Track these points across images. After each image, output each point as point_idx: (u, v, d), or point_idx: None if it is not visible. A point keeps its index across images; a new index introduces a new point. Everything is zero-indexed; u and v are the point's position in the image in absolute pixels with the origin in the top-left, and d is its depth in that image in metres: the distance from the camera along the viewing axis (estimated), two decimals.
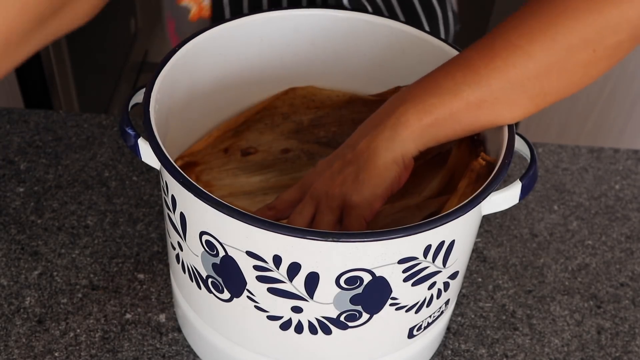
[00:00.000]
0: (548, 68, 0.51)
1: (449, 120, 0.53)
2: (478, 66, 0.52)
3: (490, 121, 0.53)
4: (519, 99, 0.52)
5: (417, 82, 0.55)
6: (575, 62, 0.51)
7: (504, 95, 0.52)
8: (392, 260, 0.49)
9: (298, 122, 0.69)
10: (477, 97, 0.52)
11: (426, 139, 0.54)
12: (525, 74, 0.51)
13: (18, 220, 0.75)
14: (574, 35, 0.50)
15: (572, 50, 0.51)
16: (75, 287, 0.70)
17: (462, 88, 0.52)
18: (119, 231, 0.75)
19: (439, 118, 0.53)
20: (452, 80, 0.52)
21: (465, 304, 0.71)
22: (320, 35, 0.67)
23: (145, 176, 0.81)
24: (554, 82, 0.52)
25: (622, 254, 0.77)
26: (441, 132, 0.54)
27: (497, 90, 0.52)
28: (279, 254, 0.48)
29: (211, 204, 0.47)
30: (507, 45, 0.51)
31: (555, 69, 0.51)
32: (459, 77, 0.52)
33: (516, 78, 0.51)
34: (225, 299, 0.54)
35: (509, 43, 0.51)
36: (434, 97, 0.53)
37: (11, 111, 0.87)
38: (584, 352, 0.68)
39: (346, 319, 0.53)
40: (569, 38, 0.50)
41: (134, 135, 0.54)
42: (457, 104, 0.52)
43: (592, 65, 0.52)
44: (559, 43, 0.50)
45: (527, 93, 0.52)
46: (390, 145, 0.53)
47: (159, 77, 0.56)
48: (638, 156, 0.89)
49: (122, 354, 0.65)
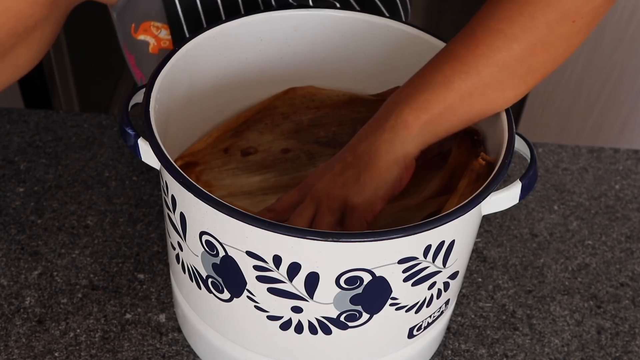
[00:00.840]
0: (532, 46, 0.52)
1: (444, 114, 0.53)
2: (464, 55, 0.53)
3: (485, 108, 0.54)
4: (508, 80, 0.53)
5: (409, 82, 0.55)
6: (557, 35, 0.52)
7: (494, 80, 0.53)
8: (392, 260, 0.49)
9: (298, 122, 0.69)
10: (468, 86, 0.53)
11: (426, 136, 0.54)
12: (511, 55, 0.52)
13: (18, 220, 0.75)
14: (551, 9, 0.51)
15: (551, 25, 0.52)
16: (75, 287, 0.70)
17: (452, 80, 0.53)
18: (119, 231, 0.75)
19: (434, 113, 0.53)
20: (441, 74, 0.53)
21: (465, 304, 0.71)
22: (320, 35, 0.67)
23: (145, 176, 0.81)
24: (540, 58, 0.53)
25: (622, 254, 0.77)
26: (439, 127, 0.54)
27: (486, 76, 0.53)
28: (279, 254, 0.48)
29: (211, 204, 0.47)
30: (489, 31, 0.52)
31: (539, 45, 0.52)
32: (447, 70, 0.53)
33: (503, 61, 0.52)
34: (225, 299, 0.54)
35: (489, 29, 0.52)
36: (426, 94, 0.53)
37: (11, 111, 0.87)
38: (584, 352, 0.68)
39: (346, 319, 0.53)
40: (547, 14, 0.51)
41: (134, 135, 0.54)
42: (450, 96, 0.53)
43: (573, 35, 0.53)
44: (538, 20, 0.51)
45: (515, 74, 0.53)
46: (391, 147, 0.54)
47: (159, 77, 0.56)
48: (638, 156, 0.89)
49: (122, 354, 0.65)
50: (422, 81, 0.54)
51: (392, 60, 0.66)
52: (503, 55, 0.52)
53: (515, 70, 0.53)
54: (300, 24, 0.66)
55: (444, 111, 0.53)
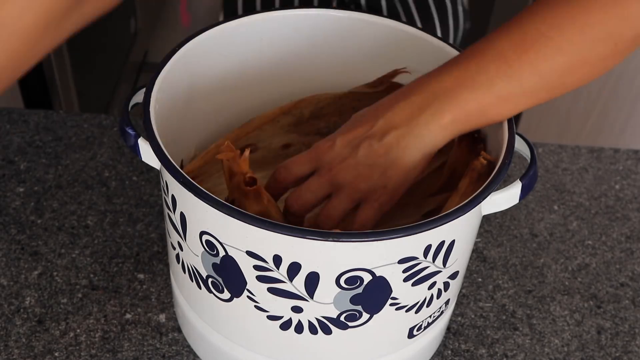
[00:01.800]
0: (573, 62, 0.51)
1: (478, 114, 0.53)
2: (511, 59, 0.51)
3: (511, 112, 0.53)
4: (540, 91, 0.52)
5: (447, 73, 0.53)
6: (598, 55, 0.51)
7: (532, 89, 0.52)
8: (392, 260, 0.49)
9: (298, 116, 0.69)
10: (508, 91, 0.52)
11: (455, 131, 0.54)
12: (553, 68, 0.51)
13: (18, 220, 0.75)
14: (600, 27, 0.50)
15: (596, 43, 0.51)
16: (75, 287, 0.70)
17: (495, 82, 0.52)
18: (119, 231, 0.75)
19: (469, 112, 0.53)
20: (486, 74, 0.52)
21: (465, 304, 0.71)
22: (320, 35, 0.67)
23: (145, 176, 0.81)
24: (575, 77, 0.52)
25: (622, 254, 0.77)
26: (468, 125, 0.54)
27: (526, 84, 0.52)
28: (279, 254, 0.48)
29: (211, 203, 0.47)
30: (538, 37, 0.51)
31: (580, 63, 0.51)
32: (492, 71, 0.52)
33: (545, 71, 0.51)
34: (225, 298, 0.54)
35: (539, 34, 0.51)
36: (467, 92, 0.52)
37: (11, 111, 0.87)
38: (584, 352, 0.68)
39: (346, 318, 0.53)
40: (595, 30, 0.50)
41: (134, 135, 0.54)
42: (488, 98, 0.52)
43: (610, 59, 0.52)
44: (587, 35, 0.50)
45: (549, 85, 0.52)
46: (422, 143, 0.53)
47: (159, 77, 0.56)
48: (638, 156, 0.89)
49: (122, 354, 0.65)
50: (465, 76, 0.52)
51: (392, 61, 0.66)
52: (547, 65, 0.51)
53: (551, 83, 0.52)
54: (300, 24, 0.66)
55: (478, 111, 0.53)
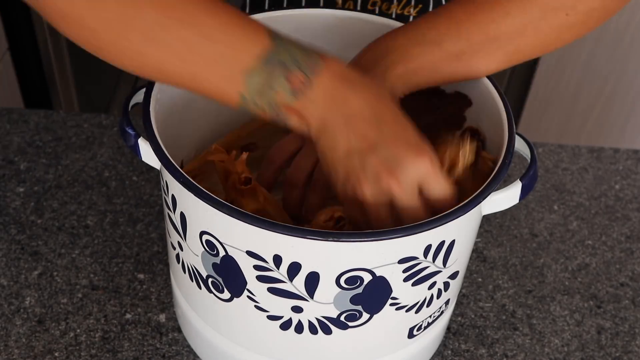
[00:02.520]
0: (523, 27, 0.55)
1: (429, 68, 0.56)
2: (460, 19, 0.55)
3: (467, 72, 0.57)
4: (495, 53, 0.56)
5: (402, 31, 0.57)
6: (549, 24, 0.55)
7: (482, 49, 0.56)
8: (392, 260, 0.49)
9: None
10: (458, 48, 0.55)
11: (411, 83, 0.56)
12: (503, 30, 0.55)
13: (18, 220, 0.75)
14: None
15: (546, 11, 0.54)
16: (75, 287, 0.70)
17: (444, 39, 0.55)
18: (119, 231, 0.75)
19: (421, 66, 0.56)
20: (436, 31, 0.56)
21: (465, 304, 0.71)
22: (320, 35, 0.67)
23: (145, 176, 0.81)
24: (527, 41, 0.56)
25: (622, 254, 0.77)
26: (422, 79, 0.56)
27: (476, 43, 0.55)
28: (279, 254, 0.48)
29: (211, 203, 0.47)
30: (489, 1, 0.55)
31: (530, 28, 0.55)
32: (442, 29, 0.56)
33: (494, 33, 0.55)
34: (225, 298, 0.54)
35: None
36: (418, 47, 0.56)
37: (11, 111, 0.87)
38: (584, 352, 0.68)
39: (346, 318, 0.53)
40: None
41: (134, 135, 0.54)
42: (438, 54, 0.55)
43: (565, 29, 0.55)
44: (535, 3, 0.54)
45: (502, 49, 0.56)
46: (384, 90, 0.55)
47: None
48: (638, 156, 0.89)
49: (122, 354, 0.65)
50: (416, 34, 0.56)
51: None
52: (495, 27, 0.55)
53: (503, 45, 0.55)
54: (300, 24, 0.66)
55: (430, 65, 0.56)
